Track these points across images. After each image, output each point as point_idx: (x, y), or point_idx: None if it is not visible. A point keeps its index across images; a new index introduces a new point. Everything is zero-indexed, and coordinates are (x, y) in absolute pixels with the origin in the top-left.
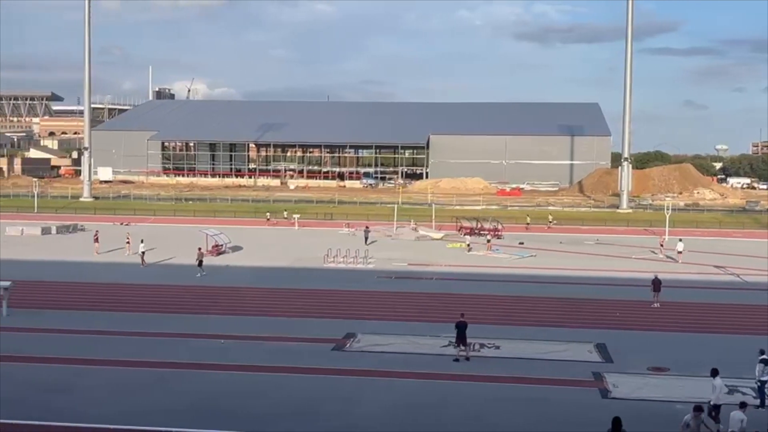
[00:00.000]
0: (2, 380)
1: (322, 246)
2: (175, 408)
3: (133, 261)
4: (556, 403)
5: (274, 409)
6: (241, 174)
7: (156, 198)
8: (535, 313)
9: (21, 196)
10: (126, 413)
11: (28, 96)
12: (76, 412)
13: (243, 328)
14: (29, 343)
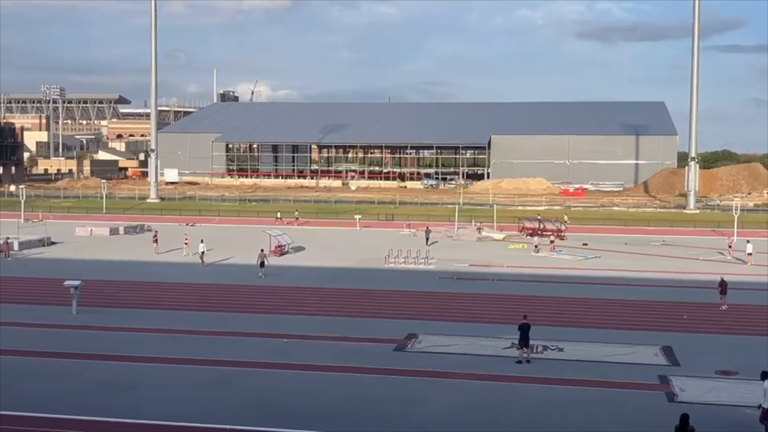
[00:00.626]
0: (72, 377)
1: (384, 247)
2: (239, 406)
3: (193, 261)
4: (621, 407)
5: (336, 408)
6: (304, 175)
7: (220, 199)
8: (599, 316)
9: (90, 197)
10: (190, 411)
11: (97, 99)
12: (141, 410)
13: (305, 328)
14: (97, 341)
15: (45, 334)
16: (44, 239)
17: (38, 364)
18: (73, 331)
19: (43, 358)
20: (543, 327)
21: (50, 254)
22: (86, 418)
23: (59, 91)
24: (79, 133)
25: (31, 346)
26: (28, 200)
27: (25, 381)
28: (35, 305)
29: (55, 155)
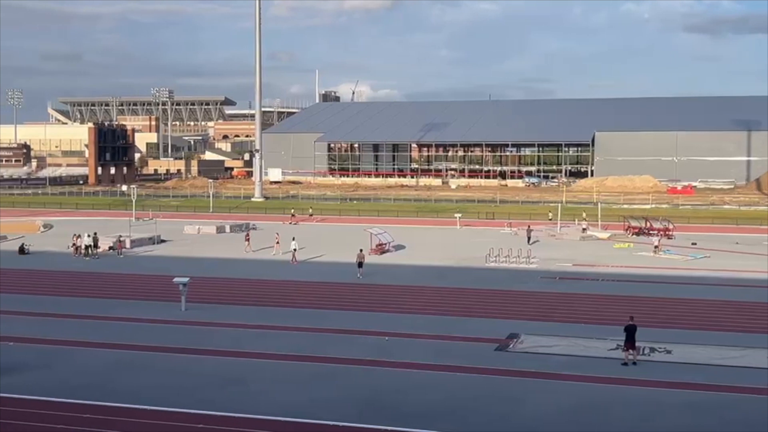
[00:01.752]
0: (182, 371)
1: (484, 245)
2: (343, 402)
3: (284, 259)
4: (730, 411)
5: (438, 406)
6: (404, 174)
7: (322, 198)
8: (709, 317)
9: (197, 196)
10: (295, 406)
11: (204, 101)
12: (247, 404)
13: (406, 326)
14: (204, 337)
15: (155, 329)
16: (154, 237)
17: (149, 359)
18: (181, 326)
19: (154, 353)
20: (650, 329)
21: (160, 252)
22: (195, 411)
23: (168, 93)
24: (187, 134)
25: (142, 340)
26: (139, 200)
27: (136, 374)
28: (146, 301)
29: (164, 156)
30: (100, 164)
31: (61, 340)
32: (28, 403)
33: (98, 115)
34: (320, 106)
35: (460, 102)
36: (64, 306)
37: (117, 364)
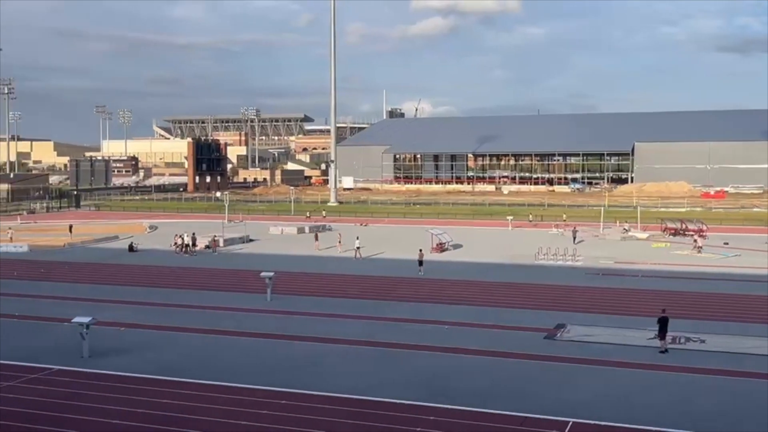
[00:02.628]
0: (267, 354)
1: (534, 245)
2: (408, 383)
3: (347, 256)
4: (761, 395)
5: (494, 388)
6: (461, 181)
7: (389, 202)
8: (740, 310)
9: (280, 201)
10: (365, 386)
11: (286, 118)
12: (324, 383)
13: (463, 316)
14: (287, 324)
15: (245, 317)
16: (244, 237)
17: (240, 342)
18: (267, 314)
19: (244, 337)
20: (686, 320)
21: (249, 249)
22: (279, 389)
23: (255, 112)
24: (272, 147)
25: (234, 326)
26: (230, 204)
27: (229, 356)
28: (237, 292)
29: (252, 166)
30: (197, 174)
31: (164, 325)
32: (136, 380)
33: (195, 131)
34: (387, 122)
35: (512, 116)
36: (167, 296)
37: (213, 346)
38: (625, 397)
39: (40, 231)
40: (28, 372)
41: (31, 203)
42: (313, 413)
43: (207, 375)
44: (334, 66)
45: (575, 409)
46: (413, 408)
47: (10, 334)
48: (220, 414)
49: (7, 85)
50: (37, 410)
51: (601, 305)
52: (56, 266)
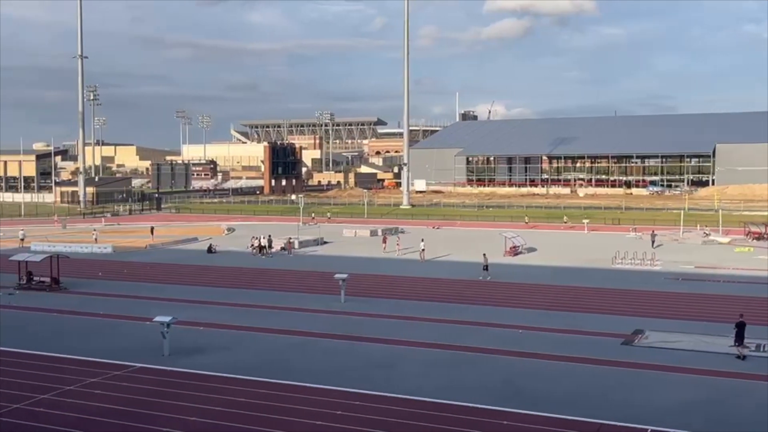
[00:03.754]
0: (342, 355)
1: (610, 248)
2: (480, 387)
3: (413, 257)
4: None
5: (569, 393)
6: (535, 183)
7: (461, 205)
8: None
9: (354, 204)
10: (438, 388)
11: (359, 122)
12: (397, 384)
13: (538, 321)
14: (360, 325)
15: (320, 318)
16: (318, 239)
17: (315, 343)
18: (341, 316)
19: (319, 338)
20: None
21: (323, 251)
22: (352, 389)
23: (329, 116)
24: (345, 150)
25: (309, 327)
26: (305, 207)
27: (304, 356)
28: (312, 294)
29: (326, 169)
30: (273, 177)
31: (242, 325)
32: (214, 378)
33: (271, 135)
34: (460, 125)
35: (588, 118)
36: (244, 297)
37: (289, 347)
38: (704, 405)
39: (124, 233)
40: (112, 369)
41: (115, 206)
42: (387, 415)
43: (283, 375)
44: (407, 69)
45: (653, 417)
46: (487, 412)
47: (95, 333)
48: (295, 414)
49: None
50: (120, 406)
51: (681, 311)
52: (139, 267)
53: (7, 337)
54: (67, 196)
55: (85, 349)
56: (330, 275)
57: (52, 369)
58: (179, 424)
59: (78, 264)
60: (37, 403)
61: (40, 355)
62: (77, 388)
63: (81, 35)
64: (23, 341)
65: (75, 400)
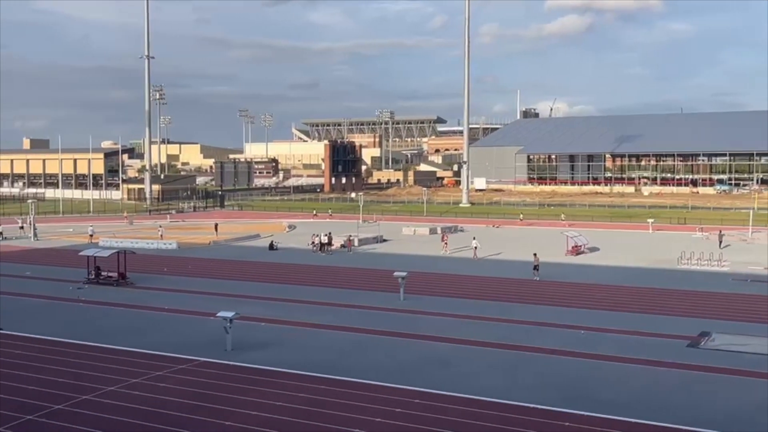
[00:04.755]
0: (400, 353)
1: (676, 249)
2: (540, 387)
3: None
4: None
5: (632, 396)
6: (598, 182)
7: (522, 204)
8: None
9: (413, 202)
10: (496, 388)
11: (419, 120)
12: (455, 383)
13: (601, 321)
14: (419, 323)
15: (379, 316)
16: (378, 237)
17: (374, 341)
18: (400, 314)
19: (378, 336)
20: None
21: (382, 249)
22: (412, 387)
23: (389, 114)
24: (405, 148)
25: (368, 324)
26: (365, 205)
27: (364, 354)
28: (371, 291)
29: (385, 168)
30: (333, 175)
31: (302, 322)
32: (274, 374)
33: (332, 133)
34: (521, 122)
35: (652, 115)
36: (305, 293)
37: (348, 344)
38: None
39: (188, 229)
40: (176, 362)
41: (180, 203)
42: (446, 414)
43: (343, 372)
44: (467, 67)
45: (720, 422)
46: (547, 413)
47: (160, 327)
48: (354, 410)
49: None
50: (184, 399)
51: (749, 313)
52: (202, 263)
53: (76, 330)
54: (134, 194)
55: (150, 342)
56: (389, 273)
57: (119, 362)
58: (241, 417)
59: (144, 259)
60: (104, 395)
61: (107, 348)
62: (143, 381)
63: (148, 36)
64: (92, 334)
65: (141, 393)
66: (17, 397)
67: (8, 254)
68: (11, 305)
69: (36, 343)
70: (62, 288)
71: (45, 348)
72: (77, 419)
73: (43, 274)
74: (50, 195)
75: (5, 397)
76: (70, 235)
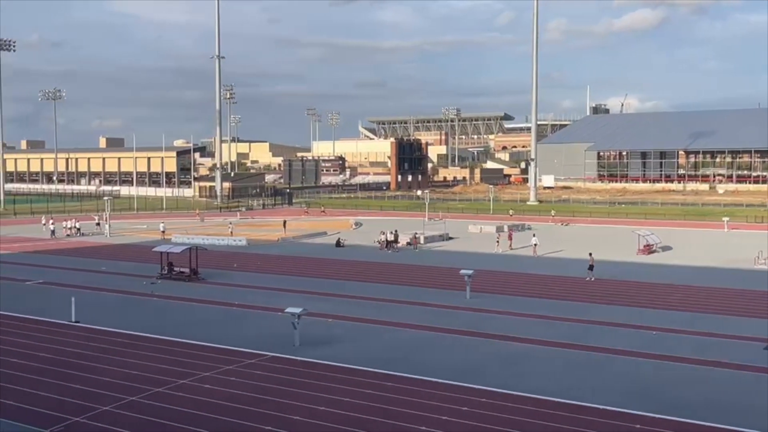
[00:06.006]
0: (469, 351)
1: (752, 248)
2: (610, 388)
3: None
4: None
5: (705, 400)
6: (671, 179)
7: (592, 201)
8: None
9: (479, 200)
10: (564, 388)
11: (485, 117)
12: (524, 383)
13: (672, 322)
14: (486, 322)
15: (445, 314)
16: (444, 235)
17: (440, 339)
18: (466, 312)
19: (444, 334)
20: None
21: (448, 247)
22: (479, 386)
23: (456, 111)
24: (471, 146)
25: (434, 322)
26: (430, 203)
27: (430, 351)
28: (437, 289)
29: (452, 165)
30: (399, 173)
31: (369, 318)
32: (342, 370)
33: (398, 131)
34: (590, 119)
35: (728, 110)
36: (371, 290)
37: (415, 341)
38: None
39: (257, 226)
40: (246, 357)
41: (249, 200)
42: (513, 413)
43: (409, 369)
44: (536, 63)
45: None
46: (617, 414)
47: (230, 322)
48: (421, 408)
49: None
50: (253, 393)
51: None
52: (271, 259)
53: (149, 324)
54: (205, 191)
55: (221, 337)
56: (455, 271)
57: (191, 355)
58: (308, 412)
59: (215, 255)
60: (177, 388)
61: (179, 341)
62: (214, 375)
63: (219, 37)
64: (164, 328)
65: (211, 386)
66: (93, 389)
67: (85, 250)
68: (88, 299)
69: (111, 336)
70: (136, 283)
71: (119, 341)
72: (150, 411)
73: (117, 269)
74: (125, 192)
75: (82, 388)
76: (143, 232)
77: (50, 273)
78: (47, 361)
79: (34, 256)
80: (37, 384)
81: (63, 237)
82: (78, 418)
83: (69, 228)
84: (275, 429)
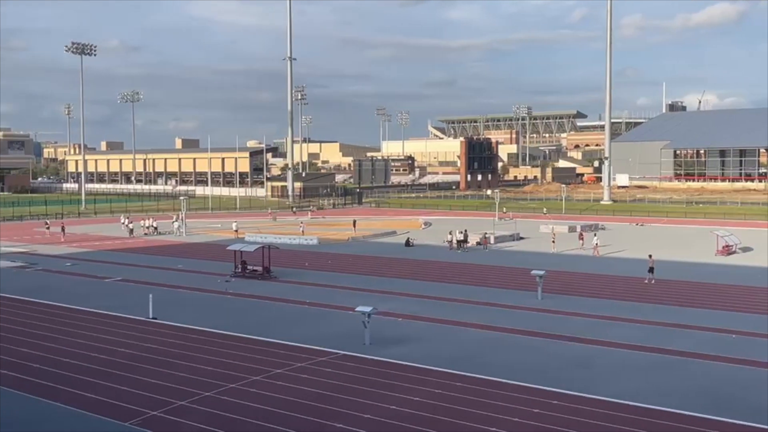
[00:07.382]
0: (537, 352)
1: None
2: (684, 392)
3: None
4: None
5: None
6: (751, 178)
7: (668, 201)
8: None
9: (551, 199)
10: (636, 391)
11: (557, 115)
12: (594, 385)
13: (752, 325)
14: (557, 323)
15: (516, 314)
16: (514, 235)
17: (511, 339)
18: (537, 313)
19: (515, 335)
20: None
21: (519, 247)
22: (550, 388)
23: (527, 109)
24: (542, 144)
25: (505, 323)
26: (501, 202)
27: (501, 352)
28: (507, 289)
29: (522, 164)
30: (469, 172)
31: (439, 318)
32: (412, 369)
33: (468, 130)
34: (666, 116)
35: None
36: (441, 290)
37: (485, 342)
38: None
39: (328, 225)
40: (317, 355)
41: (320, 200)
42: (584, 416)
43: (479, 369)
44: (610, 60)
45: None
46: (693, 419)
47: (301, 320)
48: (491, 409)
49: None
50: (324, 390)
51: None
52: (341, 258)
53: (224, 321)
54: (277, 191)
55: (293, 335)
56: (526, 271)
57: (264, 353)
58: (379, 411)
59: (287, 254)
60: (249, 384)
61: (253, 339)
62: (286, 372)
63: (290, 39)
64: (238, 326)
65: (284, 383)
66: (170, 383)
67: (161, 248)
68: (165, 296)
69: (187, 332)
70: (211, 281)
71: (195, 337)
72: (224, 406)
73: (193, 267)
74: (200, 192)
75: (159, 383)
76: (217, 231)
77: (129, 270)
78: (126, 356)
79: (114, 254)
80: (116, 378)
81: (141, 235)
82: (155, 412)
83: (147, 227)
84: (346, 426)
